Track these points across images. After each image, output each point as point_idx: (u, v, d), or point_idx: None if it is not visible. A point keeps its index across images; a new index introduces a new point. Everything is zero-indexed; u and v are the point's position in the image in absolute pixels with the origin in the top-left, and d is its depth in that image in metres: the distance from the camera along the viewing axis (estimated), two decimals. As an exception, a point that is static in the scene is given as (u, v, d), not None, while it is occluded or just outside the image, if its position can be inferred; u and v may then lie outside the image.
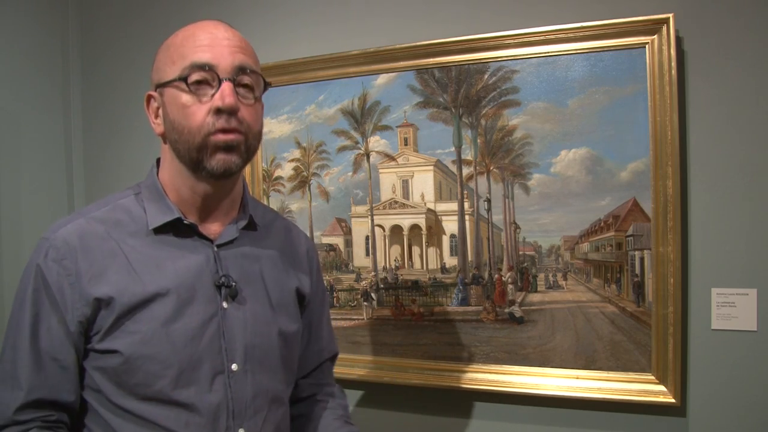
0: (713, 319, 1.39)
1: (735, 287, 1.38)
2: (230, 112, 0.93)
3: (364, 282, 1.73)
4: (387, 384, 1.67)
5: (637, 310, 1.44)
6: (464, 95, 1.57)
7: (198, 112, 0.93)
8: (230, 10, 1.85)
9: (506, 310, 1.56)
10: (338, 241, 1.76)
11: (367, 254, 1.73)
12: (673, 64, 1.35)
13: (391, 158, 1.68)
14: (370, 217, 1.72)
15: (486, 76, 1.54)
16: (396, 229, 1.70)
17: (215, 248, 1.02)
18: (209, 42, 0.96)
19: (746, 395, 1.38)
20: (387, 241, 1.71)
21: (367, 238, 1.73)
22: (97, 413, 0.96)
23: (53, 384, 0.95)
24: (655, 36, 1.37)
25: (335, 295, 1.76)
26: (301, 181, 1.78)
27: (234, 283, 1.00)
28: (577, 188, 1.48)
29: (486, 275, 1.59)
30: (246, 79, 0.97)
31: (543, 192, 1.51)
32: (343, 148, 1.72)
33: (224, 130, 0.94)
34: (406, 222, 1.69)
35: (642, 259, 1.44)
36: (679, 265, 1.38)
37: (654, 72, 1.38)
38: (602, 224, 1.47)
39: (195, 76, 0.93)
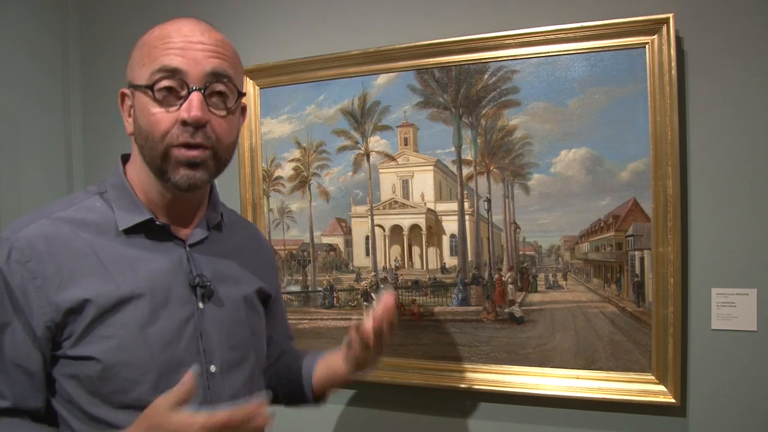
0: (713, 319, 1.39)
1: (735, 287, 1.38)
2: (196, 126, 0.89)
3: (364, 282, 1.73)
4: (387, 384, 1.66)
5: (637, 310, 1.44)
6: (464, 95, 1.57)
7: (164, 120, 0.90)
8: (230, 9, 1.85)
9: (506, 310, 1.56)
10: (338, 241, 1.76)
11: (367, 254, 1.73)
12: (673, 64, 1.35)
13: (391, 158, 1.67)
14: (370, 217, 1.72)
15: (486, 76, 1.54)
16: (396, 229, 1.70)
17: (187, 248, 1.00)
18: (182, 45, 0.91)
19: (746, 395, 1.38)
20: (387, 241, 1.71)
21: (367, 238, 1.73)
22: (69, 425, 0.91)
23: (18, 392, 0.89)
24: (655, 36, 1.37)
25: (335, 295, 1.76)
26: (301, 181, 1.78)
27: (209, 283, 0.98)
28: (577, 188, 1.48)
29: (486, 275, 1.59)
30: (219, 87, 0.93)
31: (543, 192, 1.51)
32: (343, 148, 1.72)
33: (188, 145, 0.90)
34: (406, 222, 1.69)
35: (642, 259, 1.44)
36: (679, 265, 1.38)
37: (654, 72, 1.38)
38: (602, 224, 1.47)
39: (163, 83, 0.89)
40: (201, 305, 0.98)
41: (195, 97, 0.89)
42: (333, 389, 1.21)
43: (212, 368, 0.97)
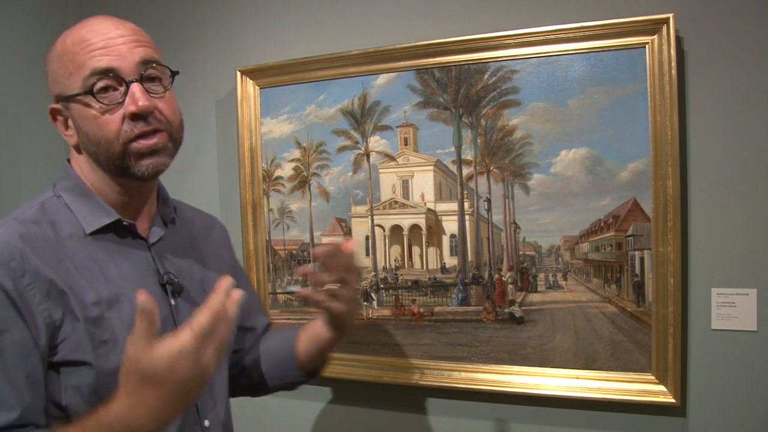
0: (713, 319, 1.39)
1: (735, 287, 1.37)
2: (146, 114, 0.90)
3: (364, 282, 1.73)
4: (387, 384, 1.66)
5: (637, 310, 1.44)
6: (464, 95, 1.57)
7: (111, 120, 0.90)
8: (230, 9, 1.85)
9: (506, 310, 1.56)
10: (338, 241, 1.76)
11: (367, 254, 1.73)
12: (673, 64, 1.35)
13: (391, 158, 1.67)
14: (370, 217, 1.72)
15: (486, 76, 1.54)
16: (396, 229, 1.70)
17: (150, 247, 1.00)
18: (103, 44, 0.90)
19: (746, 395, 1.38)
20: (387, 241, 1.71)
21: (367, 238, 1.73)
22: None
23: (31, 402, 0.85)
24: (655, 36, 1.37)
25: (335, 295, 1.76)
26: (301, 181, 1.78)
27: (176, 280, 0.99)
28: (577, 188, 1.48)
29: (486, 275, 1.59)
30: (152, 72, 0.93)
31: (543, 192, 1.51)
32: (343, 148, 1.72)
33: (144, 135, 0.91)
34: (406, 222, 1.69)
35: (642, 259, 1.44)
36: (679, 265, 1.38)
37: (654, 72, 1.38)
38: (602, 224, 1.47)
39: (99, 85, 0.89)
40: (173, 302, 0.99)
41: (136, 88, 0.90)
42: (324, 358, 1.21)
43: None
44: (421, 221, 1.67)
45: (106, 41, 0.91)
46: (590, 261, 1.50)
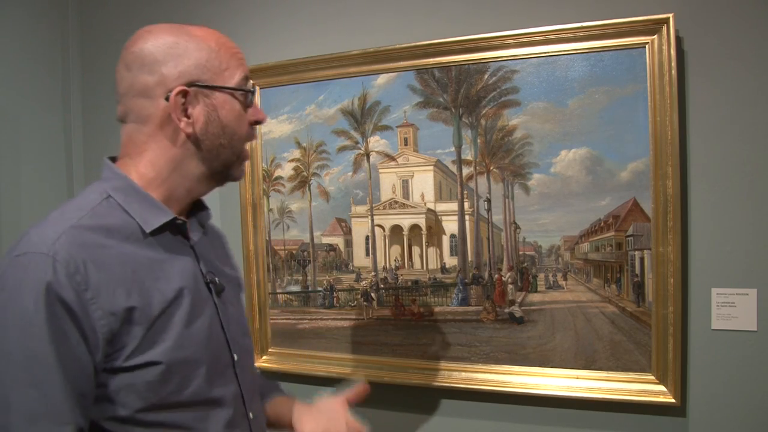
0: (713, 319, 1.39)
1: (735, 287, 1.38)
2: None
3: (364, 282, 1.73)
4: (387, 384, 1.66)
5: (637, 310, 1.44)
6: (464, 95, 1.57)
7: (246, 121, 0.99)
8: (230, 9, 1.85)
9: (506, 310, 1.56)
10: (338, 241, 1.76)
11: (367, 254, 1.73)
12: (673, 64, 1.35)
13: (391, 158, 1.67)
14: (370, 217, 1.72)
15: (486, 76, 1.54)
16: (396, 229, 1.70)
17: (193, 246, 1.02)
18: (238, 51, 0.99)
19: (746, 395, 1.38)
20: (387, 241, 1.71)
21: (367, 238, 1.73)
22: None
23: (80, 415, 0.84)
24: (655, 36, 1.37)
25: (335, 295, 1.76)
26: (301, 181, 1.78)
27: (217, 279, 1.02)
28: (577, 188, 1.48)
29: (486, 275, 1.59)
30: None
31: (543, 192, 1.51)
32: (343, 148, 1.72)
33: None
34: (406, 222, 1.69)
35: (642, 259, 1.44)
36: (679, 265, 1.38)
37: (654, 72, 1.38)
38: (602, 224, 1.47)
39: (250, 88, 0.98)
40: (216, 301, 1.01)
41: (257, 100, 0.98)
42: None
43: (236, 357, 1.02)
44: (421, 221, 1.67)
45: (239, 51, 1.00)
46: (590, 261, 1.50)
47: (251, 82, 1.00)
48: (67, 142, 2.08)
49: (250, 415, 1.03)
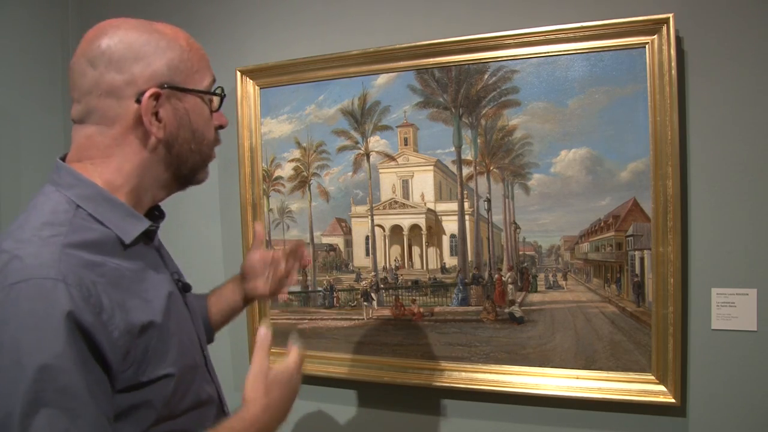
0: (713, 319, 1.39)
1: (735, 287, 1.38)
2: None
3: (364, 282, 1.73)
4: (387, 384, 1.66)
5: (637, 310, 1.44)
6: (464, 95, 1.57)
7: (212, 125, 0.97)
8: (230, 9, 1.85)
9: (506, 310, 1.56)
10: (338, 241, 1.76)
11: (367, 254, 1.73)
12: (673, 64, 1.35)
13: (391, 158, 1.67)
14: (370, 217, 1.72)
15: (486, 76, 1.54)
16: (396, 229, 1.70)
17: (157, 249, 1.00)
18: (205, 53, 0.97)
19: (746, 395, 1.38)
20: (387, 241, 1.71)
21: (367, 238, 1.73)
22: None
23: None
24: (655, 36, 1.37)
25: (335, 295, 1.76)
26: (301, 181, 1.78)
27: (183, 279, 1.03)
28: (577, 188, 1.48)
29: (486, 275, 1.59)
30: None
31: (543, 192, 1.51)
32: (343, 148, 1.72)
33: None
34: (406, 222, 1.69)
35: (642, 259, 1.44)
36: (679, 265, 1.38)
37: (654, 72, 1.38)
38: (602, 224, 1.47)
39: (218, 92, 0.96)
40: (184, 300, 1.02)
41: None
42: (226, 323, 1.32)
43: (205, 353, 1.04)
44: (421, 221, 1.67)
45: (206, 54, 0.97)
46: (590, 261, 1.50)
47: (218, 85, 0.99)
48: (67, 142, 2.08)
49: (225, 408, 1.05)
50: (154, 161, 0.91)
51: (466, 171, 1.59)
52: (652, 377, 1.42)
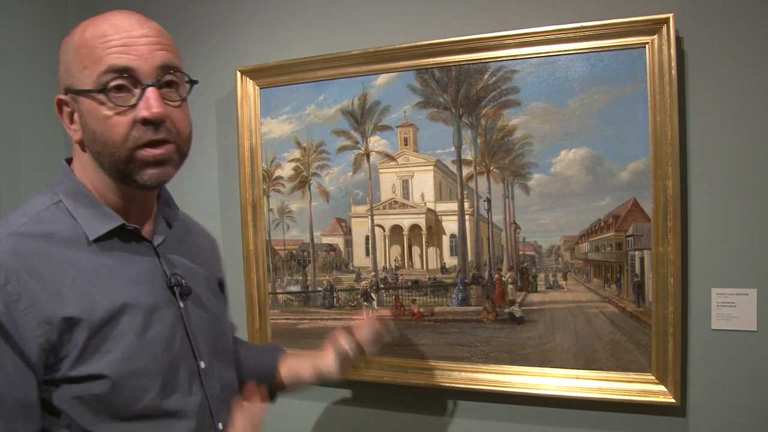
0: (713, 319, 1.39)
1: (735, 287, 1.37)
2: (158, 122, 0.86)
3: (364, 282, 1.73)
4: (387, 384, 1.67)
5: (637, 310, 1.44)
6: (464, 95, 1.57)
7: (120, 123, 0.86)
8: (230, 9, 1.85)
9: (506, 310, 1.56)
10: (338, 241, 1.76)
11: (367, 254, 1.73)
12: (673, 64, 1.35)
13: (391, 158, 1.67)
14: (370, 217, 1.72)
15: (486, 76, 1.54)
16: (396, 229, 1.70)
17: (156, 249, 0.98)
18: (124, 42, 0.86)
19: (746, 395, 1.38)
20: (387, 241, 1.71)
21: (367, 238, 1.73)
22: None
23: (21, 427, 0.83)
24: (655, 36, 1.37)
25: (335, 295, 1.76)
26: (301, 181, 1.78)
27: (184, 281, 0.97)
28: (577, 188, 1.48)
29: (486, 275, 1.59)
30: (170, 79, 0.89)
31: (543, 192, 1.51)
32: (343, 148, 1.72)
33: (152, 143, 0.87)
34: (406, 222, 1.69)
35: (642, 259, 1.44)
36: (679, 265, 1.38)
37: (654, 72, 1.38)
38: (602, 224, 1.47)
39: (113, 84, 0.85)
40: (182, 304, 0.97)
41: (151, 93, 0.85)
42: (290, 392, 1.27)
43: (202, 364, 0.98)
44: (421, 221, 1.67)
45: (128, 39, 0.86)
46: (590, 261, 1.50)
47: (126, 73, 0.86)
48: (67, 142, 2.08)
49: (219, 426, 0.98)
50: (90, 162, 0.93)
51: (466, 171, 1.59)
52: (652, 377, 1.42)
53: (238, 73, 1.77)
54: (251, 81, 1.78)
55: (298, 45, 1.75)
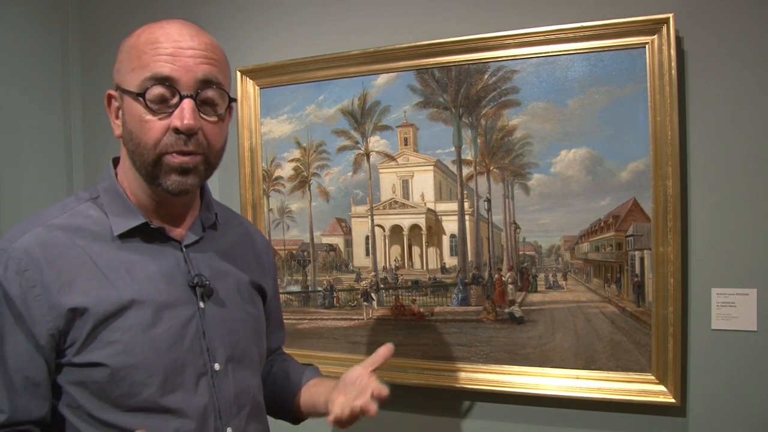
0: (713, 319, 1.39)
1: (735, 287, 1.37)
2: (189, 134, 0.90)
3: (364, 282, 1.73)
4: (387, 384, 1.66)
5: (637, 310, 1.44)
6: (464, 95, 1.57)
7: (155, 127, 0.90)
8: (230, 9, 1.85)
9: (506, 310, 1.56)
10: (338, 241, 1.76)
11: (367, 254, 1.73)
12: (673, 64, 1.35)
13: (391, 158, 1.67)
14: (370, 217, 1.72)
15: (486, 76, 1.54)
16: (396, 229, 1.70)
17: (184, 249, 1.00)
18: (171, 51, 0.90)
19: (746, 395, 1.38)
20: (387, 241, 1.71)
21: (367, 238, 1.73)
22: (77, 430, 0.91)
23: (20, 403, 0.89)
24: (655, 36, 1.37)
25: (335, 295, 1.76)
26: (301, 181, 1.78)
27: (208, 282, 0.99)
28: (577, 188, 1.48)
29: (486, 275, 1.59)
30: (209, 94, 0.92)
31: (543, 192, 1.51)
32: (343, 148, 1.72)
33: (181, 152, 0.91)
34: (406, 222, 1.69)
35: (642, 259, 1.44)
36: (679, 265, 1.38)
37: (654, 72, 1.38)
38: (602, 224, 1.47)
39: (153, 91, 0.89)
40: (201, 304, 0.99)
41: (187, 104, 0.89)
42: (308, 417, 1.24)
43: (216, 366, 0.98)
44: (421, 221, 1.67)
45: (175, 50, 0.90)
46: (590, 261, 1.50)
47: (168, 82, 0.90)
48: (67, 142, 2.08)
49: (228, 429, 0.98)
50: (126, 159, 0.98)
51: (466, 171, 1.59)
52: (652, 377, 1.42)
53: (238, 73, 1.77)
54: (251, 81, 1.78)
55: (298, 45, 1.76)
